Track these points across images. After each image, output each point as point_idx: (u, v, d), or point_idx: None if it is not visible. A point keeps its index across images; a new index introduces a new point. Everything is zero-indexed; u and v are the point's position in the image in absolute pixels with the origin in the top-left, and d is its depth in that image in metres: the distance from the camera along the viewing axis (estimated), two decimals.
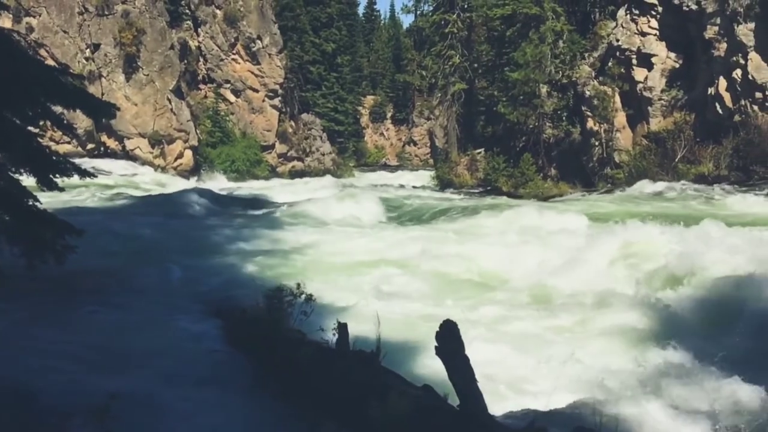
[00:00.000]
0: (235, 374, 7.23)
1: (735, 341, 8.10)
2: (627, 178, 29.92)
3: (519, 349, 8.72)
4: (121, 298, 10.59)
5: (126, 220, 18.40)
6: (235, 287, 11.38)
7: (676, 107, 30.40)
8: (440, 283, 12.39)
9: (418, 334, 8.71)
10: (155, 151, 39.56)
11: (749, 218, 17.03)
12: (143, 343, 8.23)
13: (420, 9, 54.91)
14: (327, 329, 6.90)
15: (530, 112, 33.44)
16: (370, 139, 71.83)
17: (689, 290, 10.40)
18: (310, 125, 50.65)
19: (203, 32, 44.55)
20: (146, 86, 39.36)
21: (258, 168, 44.04)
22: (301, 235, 17.23)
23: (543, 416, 5.98)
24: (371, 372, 6.31)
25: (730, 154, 27.09)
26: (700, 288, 10.45)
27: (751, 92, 27.09)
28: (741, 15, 27.08)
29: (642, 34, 31.66)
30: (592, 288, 11.36)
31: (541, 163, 33.62)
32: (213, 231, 17.51)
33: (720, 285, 10.20)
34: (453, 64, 41.18)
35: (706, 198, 22.96)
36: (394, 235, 17.33)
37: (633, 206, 21.75)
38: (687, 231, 13.21)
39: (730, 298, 9.88)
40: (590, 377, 7.44)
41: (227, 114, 44.73)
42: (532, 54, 32.19)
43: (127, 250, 14.17)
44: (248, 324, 7.94)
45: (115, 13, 39.06)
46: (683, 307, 9.92)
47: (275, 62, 45.56)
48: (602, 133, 32.25)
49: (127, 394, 5.61)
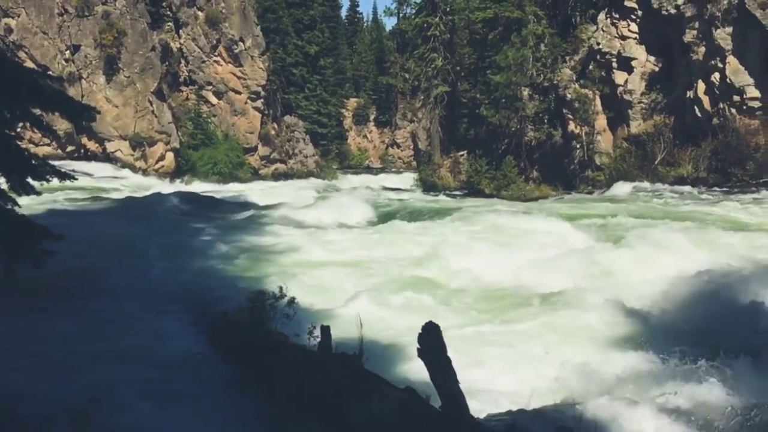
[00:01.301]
0: (217, 376, 7.20)
1: (710, 341, 8.22)
2: (607, 180, 30.23)
3: (497, 351, 8.78)
4: (100, 301, 10.50)
5: (106, 223, 18.26)
6: (216, 290, 11.34)
7: (656, 110, 30.78)
8: (422, 286, 12.42)
9: (400, 337, 8.73)
10: (136, 154, 39.27)
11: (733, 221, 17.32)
12: (123, 346, 8.18)
13: (402, 12, 54.88)
14: (310, 332, 6.90)
15: (512, 114, 33.66)
16: (353, 142, 71.83)
17: (664, 292, 10.52)
18: (293, 127, 50.53)
19: (185, 34, 44.29)
20: (127, 88, 39.06)
21: (240, 170, 43.82)
22: (283, 237, 17.18)
23: (524, 417, 6.04)
24: (354, 374, 6.32)
25: (708, 156, 27.47)
26: (674, 290, 10.60)
27: (729, 95, 27.49)
28: (719, 19, 27.48)
29: (622, 37, 32.02)
30: (565, 289, 11.46)
31: (523, 166, 33.85)
32: (194, 234, 17.42)
33: (691, 286, 10.37)
34: (435, 66, 41.30)
35: (681, 200, 23.26)
36: (376, 237, 17.34)
37: (611, 206, 21.94)
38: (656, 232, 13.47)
39: (703, 298, 10.06)
40: (568, 377, 7.52)
41: (209, 116, 44.48)
42: (514, 57, 32.41)
43: (107, 253, 14.02)
44: (230, 327, 7.92)
45: (95, 14, 38.73)
46: (659, 309, 10.06)
47: (258, 64, 45.41)
48: (583, 135, 32.56)
49: (106, 398, 5.57)
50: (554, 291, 11.48)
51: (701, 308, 9.80)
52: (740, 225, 16.72)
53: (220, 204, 24.73)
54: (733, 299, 9.90)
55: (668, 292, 10.49)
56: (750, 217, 18.23)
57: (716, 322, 9.32)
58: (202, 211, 22.50)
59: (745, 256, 11.87)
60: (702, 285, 10.34)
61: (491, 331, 9.88)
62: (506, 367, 8.27)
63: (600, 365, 7.78)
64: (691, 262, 11.49)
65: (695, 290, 10.31)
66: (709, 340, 8.48)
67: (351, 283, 12.40)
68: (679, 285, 10.58)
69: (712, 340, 8.48)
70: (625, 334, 9.41)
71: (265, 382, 6.76)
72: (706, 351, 7.85)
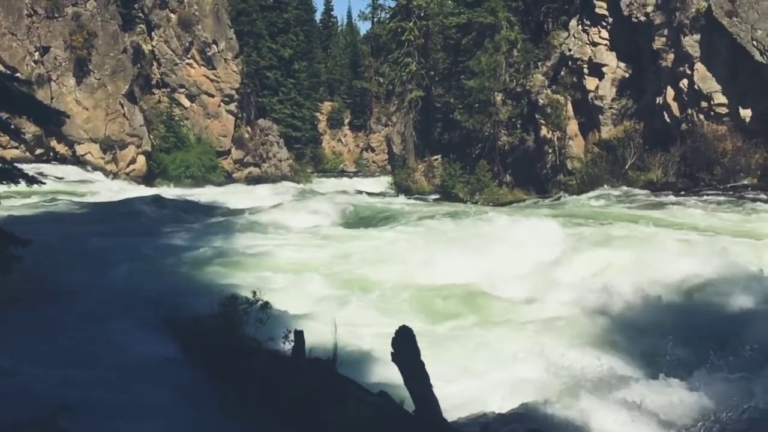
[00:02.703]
0: (189, 382, 7.14)
1: (680, 342, 8.37)
2: (579, 184, 30.55)
3: (469, 353, 8.84)
4: (69, 307, 10.35)
5: (75, 228, 17.98)
6: (188, 295, 11.22)
7: (626, 116, 31.22)
8: (398, 290, 12.44)
9: (374, 341, 8.74)
10: (107, 157, 38.75)
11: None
12: (91, 351, 8.08)
13: (377, 16, 55.18)
14: (285, 336, 6.87)
15: (486, 119, 33.92)
16: (328, 145, 71.64)
17: (638, 293, 10.68)
18: (267, 131, 50.31)
19: (157, 36, 43.86)
20: (98, 90, 38.55)
21: (213, 174, 43.51)
22: (255, 241, 17.09)
23: (496, 419, 6.08)
24: (328, 379, 6.31)
25: (677, 161, 27.92)
26: (648, 291, 10.77)
27: (697, 102, 28.01)
28: (687, 27, 28.01)
29: (593, 44, 32.46)
30: (532, 291, 11.58)
31: (496, 170, 34.12)
32: (166, 238, 17.24)
33: (666, 288, 10.54)
34: (410, 71, 41.49)
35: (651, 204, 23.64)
36: (351, 241, 17.33)
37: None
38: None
39: (676, 301, 10.24)
40: (541, 379, 7.59)
41: (182, 119, 44.09)
42: (487, 63, 32.69)
43: (77, 259, 13.84)
44: (202, 332, 7.85)
45: (65, 15, 38.17)
46: (630, 311, 10.21)
47: (231, 67, 45.15)
48: (555, 140, 32.91)
49: (76, 404, 5.50)
50: (522, 293, 11.58)
51: (669, 310, 9.97)
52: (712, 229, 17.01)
53: (192, 208, 24.52)
54: (701, 302, 10.10)
55: (637, 294, 10.66)
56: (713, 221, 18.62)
57: (685, 324, 9.51)
58: (173, 215, 22.29)
59: (715, 260, 12.07)
60: (669, 287, 10.53)
61: (463, 333, 9.93)
62: (478, 369, 8.32)
63: (570, 366, 7.86)
64: (656, 265, 11.68)
65: (661, 292, 10.49)
66: (679, 341, 8.63)
67: (325, 287, 12.38)
68: (645, 287, 10.75)
69: (681, 341, 8.64)
70: (595, 335, 9.53)
71: (238, 388, 6.71)
72: (676, 352, 7.98)
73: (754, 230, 15.73)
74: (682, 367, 7.47)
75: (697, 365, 7.52)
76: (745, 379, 7.48)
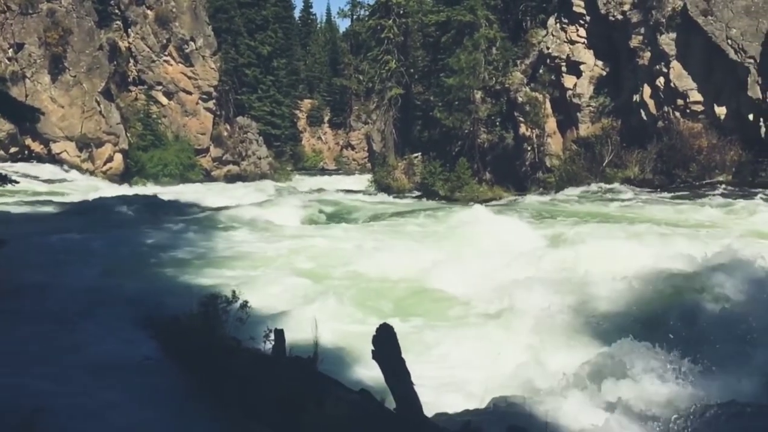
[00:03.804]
0: (168, 382, 7.07)
1: (660, 338, 8.45)
2: (558, 182, 30.78)
3: (450, 350, 8.86)
4: (44, 307, 10.18)
5: (51, 228, 17.72)
6: (167, 295, 11.10)
7: (604, 113, 31.51)
8: (378, 287, 12.43)
9: (355, 339, 8.72)
10: (83, 155, 38.26)
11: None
12: (68, 352, 7.96)
13: (356, 14, 54.96)
14: (266, 335, 6.81)
15: (465, 117, 34.02)
16: (308, 143, 71.43)
17: (615, 288, 10.77)
18: (246, 129, 49.99)
19: (134, 33, 43.37)
20: (73, 88, 38.03)
21: (192, 172, 43.15)
22: (235, 240, 16.98)
23: (477, 416, 6.09)
24: (308, 378, 6.27)
25: (654, 158, 28.25)
26: (626, 285, 10.86)
27: (673, 99, 28.36)
28: (663, 25, 28.35)
29: (571, 42, 32.70)
30: (509, 286, 11.63)
31: (476, 167, 34.24)
32: (143, 237, 17.04)
33: (645, 282, 10.64)
34: (389, 69, 41.44)
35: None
36: (329, 239, 17.27)
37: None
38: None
39: (656, 295, 10.35)
40: (520, 376, 7.63)
41: (159, 117, 43.66)
42: (467, 60, 32.77)
43: (53, 259, 13.63)
44: (181, 332, 7.78)
45: (39, 12, 37.60)
46: (607, 306, 10.29)
47: (209, 64, 44.79)
48: (534, 138, 33.12)
49: (52, 406, 5.42)
50: (498, 289, 11.63)
51: (646, 304, 10.06)
52: (687, 225, 17.27)
53: (169, 206, 24.27)
54: (677, 296, 10.22)
55: (614, 288, 10.73)
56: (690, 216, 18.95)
57: (661, 319, 9.61)
58: (150, 213, 22.04)
59: (690, 255, 12.21)
60: (643, 282, 10.61)
61: (444, 332, 9.95)
62: (459, 366, 8.34)
63: (550, 362, 7.92)
64: (629, 259, 11.80)
65: (637, 286, 10.58)
66: (656, 336, 8.71)
67: (305, 286, 12.32)
68: (622, 281, 10.85)
69: (659, 336, 8.73)
70: (574, 330, 9.59)
71: (218, 388, 6.65)
72: (654, 347, 8.05)
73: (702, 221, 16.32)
74: (665, 362, 7.53)
75: (671, 359, 7.59)
76: (721, 373, 7.60)
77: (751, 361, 8.17)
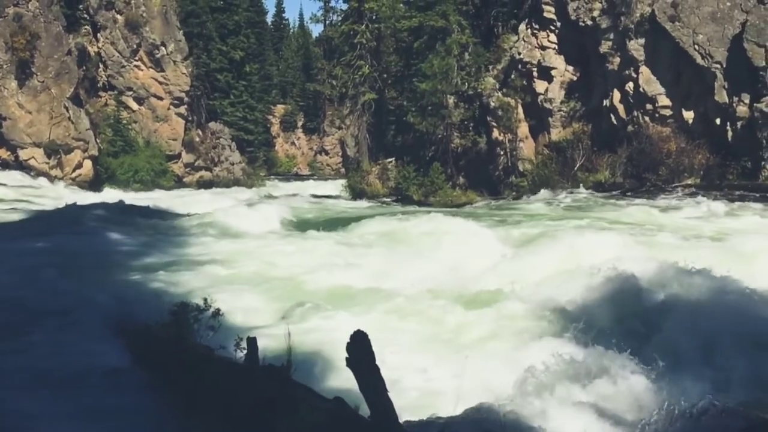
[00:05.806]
0: (138, 393, 6.94)
1: (630, 339, 8.53)
2: (530, 186, 31.05)
3: (420, 355, 8.85)
4: (7, 318, 9.92)
5: (17, 237, 17.34)
6: (137, 303, 10.90)
7: (575, 118, 31.88)
8: (352, 293, 12.37)
9: (329, 346, 8.66)
10: (51, 162, 37.60)
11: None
12: (36, 362, 7.76)
13: (329, 19, 55.00)
14: (237, 344, 6.73)
15: (438, 122, 34.19)
16: (281, 149, 71.17)
17: (591, 287, 10.84)
18: (219, 134, 49.58)
19: (103, 38, 42.80)
20: (41, 93, 37.37)
21: (163, 178, 42.68)
22: (207, 247, 16.77)
23: (451, 422, 6.08)
24: (281, 386, 6.21)
25: (624, 162, 28.63)
26: (599, 285, 10.94)
27: (642, 104, 28.80)
28: (632, 31, 28.78)
29: (542, 47, 33.05)
30: (483, 289, 11.68)
31: (450, 172, 34.40)
32: (112, 245, 16.76)
33: (619, 281, 10.74)
34: (363, 74, 41.47)
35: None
36: (302, 245, 17.14)
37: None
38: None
39: (631, 295, 10.45)
40: (493, 379, 7.64)
41: (130, 122, 43.11)
42: (439, 66, 32.94)
43: (19, 268, 13.32)
44: (152, 341, 7.65)
45: (5, 16, 36.91)
46: (585, 306, 10.36)
47: (180, 69, 44.37)
48: (507, 142, 33.38)
49: (14, 420, 5.28)
50: (471, 290, 11.68)
51: (617, 306, 10.15)
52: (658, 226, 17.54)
53: (141, 213, 23.89)
54: (644, 296, 10.33)
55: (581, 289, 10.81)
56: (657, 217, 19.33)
57: (632, 319, 9.72)
58: (122, 221, 21.66)
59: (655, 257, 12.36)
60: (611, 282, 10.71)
61: (412, 335, 9.92)
62: (432, 371, 8.32)
63: (522, 365, 7.92)
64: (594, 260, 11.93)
65: (607, 287, 10.67)
66: (629, 337, 8.80)
67: (279, 293, 12.22)
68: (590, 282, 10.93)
69: (632, 337, 8.81)
70: (546, 332, 9.64)
71: (190, 397, 6.55)
72: (629, 349, 8.13)
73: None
74: (640, 363, 7.61)
75: (655, 362, 7.66)
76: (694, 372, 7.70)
77: (714, 360, 8.32)
